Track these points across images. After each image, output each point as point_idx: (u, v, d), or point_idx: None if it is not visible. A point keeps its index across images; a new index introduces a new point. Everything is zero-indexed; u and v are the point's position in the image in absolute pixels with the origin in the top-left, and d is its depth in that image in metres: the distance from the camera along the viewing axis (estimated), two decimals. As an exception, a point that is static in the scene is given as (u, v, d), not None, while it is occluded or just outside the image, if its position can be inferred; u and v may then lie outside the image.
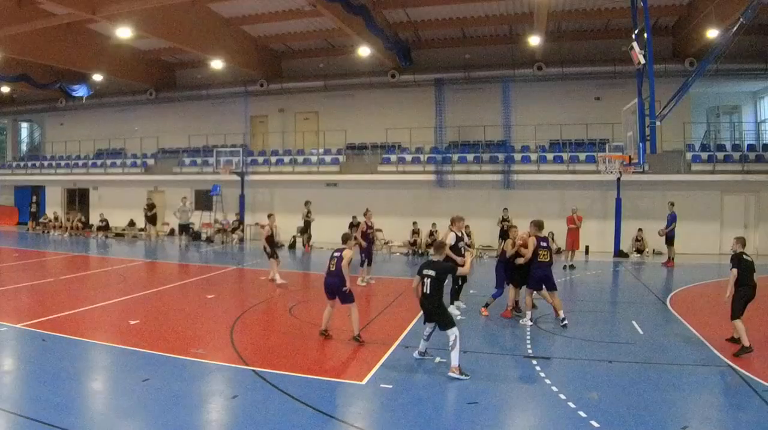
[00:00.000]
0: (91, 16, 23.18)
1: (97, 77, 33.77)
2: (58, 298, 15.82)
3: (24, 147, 47.86)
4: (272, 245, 18.64)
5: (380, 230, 27.64)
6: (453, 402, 8.61)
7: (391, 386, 9.07)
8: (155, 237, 32.07)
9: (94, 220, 35.82)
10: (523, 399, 8.81)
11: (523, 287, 13.59)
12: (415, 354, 10.17)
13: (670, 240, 22.77)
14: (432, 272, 9.67)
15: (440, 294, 9.70)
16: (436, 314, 9.60)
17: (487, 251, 26.20)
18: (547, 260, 12.97)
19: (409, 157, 29.97)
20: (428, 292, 9.62)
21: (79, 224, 34.86)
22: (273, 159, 32.70)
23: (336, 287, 11.35)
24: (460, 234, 13.64)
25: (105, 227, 33.97)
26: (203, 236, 32.18)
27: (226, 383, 9.40)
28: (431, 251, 10.99)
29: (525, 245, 13.17)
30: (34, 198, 38.48)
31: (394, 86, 31.20)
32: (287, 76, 33.76)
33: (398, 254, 26.97)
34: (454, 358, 9.27)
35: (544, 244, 13.06)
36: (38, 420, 7.52)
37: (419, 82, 30.55)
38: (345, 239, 12.06)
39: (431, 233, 26.36)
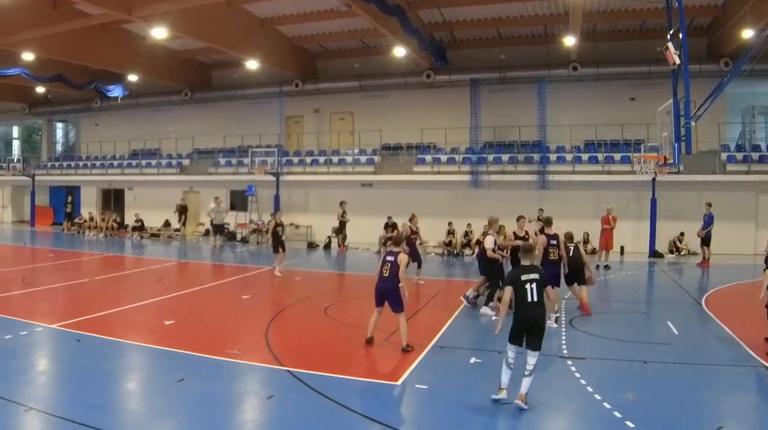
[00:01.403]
0: (126, 17, 24.39)
1: (133, 78, 35.33)
2: (93, 298, 16.51)
3: (59, 147, 49.99)
4: (276, 239, 20.97)
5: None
6: (488, 403, 8.73)
7: (426, 387, 9.40)
8: (185, 237, 33.74)
9: (129, 220, 37.54)
10: (559, 399, 9.13)
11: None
12: (496, 396, 8.74)
13: (706, 241, 23.68)
14: (537, 276, 8.82)
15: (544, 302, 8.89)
16: (543, 325, 8.72)
17: None
18: (556, 258, 13.69)
19: (444, 158, 31.31)
20: (536, 299, 8.69)
21: (115, 225, 36.42)
22: (308, 159, 34.30)
23: (388, 293, 11.24)
24: (496, 237, 14.61)
25: (140, 228, 35.59)
26: (238, 237, 33.63)
27: (261, 384, 9.84)
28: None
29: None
30: (69, 198, 40.38)
31: (430, 87, 32.60)
32: (322, 77, 35.38)
33: (433, 254, 27.87)
34: (527, 385, 8.47)
35: (554, 241, 13.69)
36: (73, 420, 7.83)
37: (454, 82, 31.94)
38: (398, 241, 12.16)
39: (466, 234, 27.64)
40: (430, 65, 31.47)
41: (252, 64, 31.37)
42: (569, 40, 26.73)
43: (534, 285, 8.69)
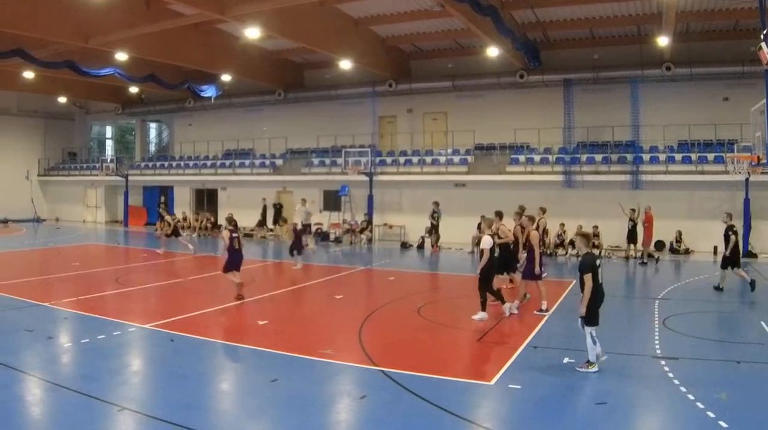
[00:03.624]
0: (219, 17, 27.13)
1: (226, 78, 39.96)
2: (186, 298, 18.51)
3: (152, 147, 56.41)
4: (174, 231, 30.14)
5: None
6: (582, 403, 9.85)
7: (519, 387, 10.37)
8: (279, 238, 37.71)
9: (223, 220, 41.28)
10: (652, 399, 10.03)
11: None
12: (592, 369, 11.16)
13: (800, 240, 26.71)
14: (600, 261, 11.61)
15: None
16: None
17: (616, 252, 30.43)
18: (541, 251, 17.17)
19: (537, 158, 35.06)
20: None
21: (209, 225, 41.26)
22: (401, 159, 38.67)
23: (242, 259, 18.27)
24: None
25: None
26: (331, 237, 38.04)
27: (354, 384, 10.89)
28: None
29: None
30: (163, 198, 44.23)
31: (523, 87, 36.27)
32: (416, 77, 39.77)
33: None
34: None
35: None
36: (167, 420, 8.69)
37: (547, 82, 35.66)
38: (230, 220, 18.86)
39: (559, 235, 30.96)
40: (523, 65, 35.01)
41: (345, 65, 35.09)
42: (662, 40, 29.64)
43: (601, 268, 11.28)
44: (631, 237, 28.74)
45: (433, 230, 32.82)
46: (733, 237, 19.79)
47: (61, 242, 34.83)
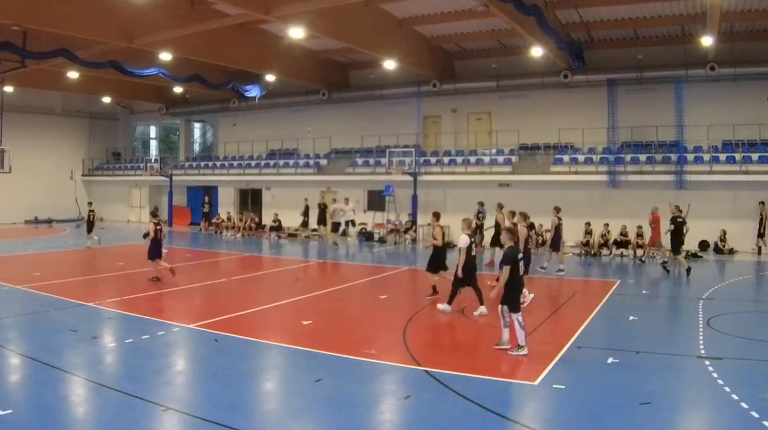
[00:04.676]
0: (264, 17, 27.88)
1: (270, 78, 41.70)
2: (230, 298, 19.13)
3: (197, 147, 58.58)
4: (90, 225, 34.24)
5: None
6: (626, 403, 9.95)
7: (563, 387, 10.65)
8: (322, 237, 39.38)
9: (267, 220, 44.20)
10: (696, 400, 10.45)
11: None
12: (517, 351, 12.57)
13: None
14: (521, 254, 13.51)
15: None
16: None
17: (659, 252, 30.87)
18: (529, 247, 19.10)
19: (581, 158, 36.39)
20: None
21: (253, 225, 43.04)
22: (445, 159, 40.26)
23: (161, 247, 22.01)
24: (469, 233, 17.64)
25: (278, 228, 41.89)
26: (375, 237, 39.69)
27: (398, 384, 11.22)
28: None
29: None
30: (207, 198, 47.07)
31: (567, 87, 37.61)
32: (460, 77, 41.29)
33: (570, 254, 31.35)
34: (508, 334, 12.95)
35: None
36: (210, 420, 8.98)
37: (591, 82, 36.86)
38: (155, 214, 23.06)
39: (603, 235, 32.23)
40: (567, 65, 36.26)
41: (390, 65, 36.44)
42: (706, 40, 30.64)
43: (522, 262, 13.10)
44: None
45: (478, 230, 33.59)
46: (676, 227, 23.88)
47: (105, 242, 35.88)
